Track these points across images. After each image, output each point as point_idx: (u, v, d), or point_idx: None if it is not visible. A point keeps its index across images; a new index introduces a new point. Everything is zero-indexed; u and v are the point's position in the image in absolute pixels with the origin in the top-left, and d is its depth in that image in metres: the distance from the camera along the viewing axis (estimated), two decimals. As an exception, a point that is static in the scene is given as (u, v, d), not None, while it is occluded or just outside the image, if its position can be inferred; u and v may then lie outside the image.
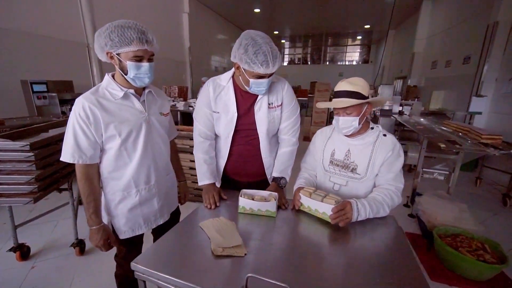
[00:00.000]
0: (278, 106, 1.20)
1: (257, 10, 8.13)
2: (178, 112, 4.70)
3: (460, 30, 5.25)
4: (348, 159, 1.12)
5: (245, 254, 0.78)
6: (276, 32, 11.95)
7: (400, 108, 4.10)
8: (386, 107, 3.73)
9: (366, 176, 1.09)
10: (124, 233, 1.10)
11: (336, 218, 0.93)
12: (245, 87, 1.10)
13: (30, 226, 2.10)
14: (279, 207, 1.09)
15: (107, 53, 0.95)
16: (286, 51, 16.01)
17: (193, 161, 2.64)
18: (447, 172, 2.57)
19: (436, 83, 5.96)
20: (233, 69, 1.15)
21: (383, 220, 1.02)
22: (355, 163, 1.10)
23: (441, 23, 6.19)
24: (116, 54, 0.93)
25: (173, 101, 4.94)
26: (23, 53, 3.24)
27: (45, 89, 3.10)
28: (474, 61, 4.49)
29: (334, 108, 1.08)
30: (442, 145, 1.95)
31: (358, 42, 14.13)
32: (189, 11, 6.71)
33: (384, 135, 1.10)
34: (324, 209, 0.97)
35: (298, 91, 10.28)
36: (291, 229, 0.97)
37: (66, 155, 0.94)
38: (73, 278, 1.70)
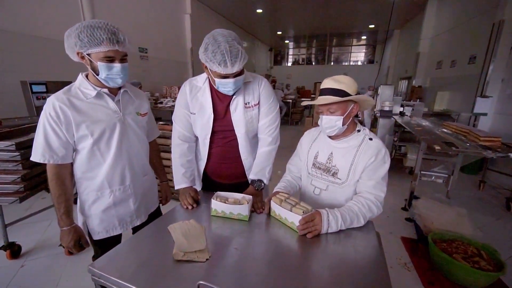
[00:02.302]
0: (255, 105, 1.16)
1: (259, 11, 8.11)
2: (178, 113, 4.72)
3: (465, 29, 5.11)
4: (330, 163, 1.07)
5: (207, 259, 0.75)
6: (279, 33, 11.90)
7: (401, 109, 4.01)
8: (386, 108, 3.65)
9: (347, 182, 1.03)
10: (98, 233, 1.09)
11: (303, 230, 0.89)
12: (215, 87, 1.08)
13: (24, 225, 2.13)
14: (253, 211, 1.06)
15: (77, 53, 0.94)
16: (290, 51, 15.95)
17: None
18: (446, 175, 2.48)
19: (441, 84, 5.82)
20: None
21: (362, 226, 0.97)
22: (337, 167, 1.05)
23: (446, 22, 6.05)
24: (87, 54, 0.92)
25: (173, 101, 4.96)
26: (24, 55, 3.30)
27: (45, 90, 3.15)
28: (479, 61, 4.36)
29: (318, 106, 1.04)
30: (437, 147, 1.88)
31: (363, 42, 13.94)
32: (191, 12, 6.74)
33: (370, 139, 1.03)
34: (293, 218, 0.92)
35: (301, 91, 10.25)
36: (261, 235, 0.93)
37: (36, 155, 0.93)
38: (60, 277, 1.70)
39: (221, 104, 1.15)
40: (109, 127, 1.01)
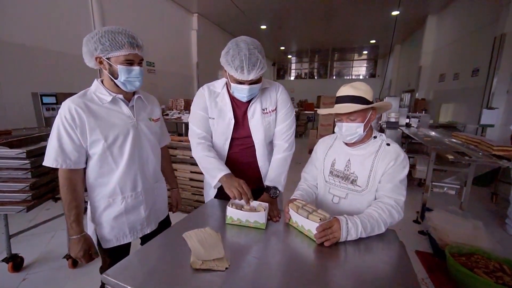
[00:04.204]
0: (272, 111, 1.16)
1: (263, 27, 8.36)
2: (183, 124, 4.78)
3: (466, 43, 5.20)
4: (348, 170, 1.05)
5: (226, 268, 0.71)
6: (282, 48, 12.21)
7: (407, 121, 4.00)
8: (393, 119, 3.64)
9: (367, 189, 1.00)
10: (109, 241, 1.06)
11: (321, 238, 0.84)
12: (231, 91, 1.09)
13: (27, 237, 2.09)
14: (269, 219, 1.02)
15: (96, 58, 0.95)
16: (293, 66, 16.26)
17: (194, 172, 2.64)
18: (458, 186, 2.42)
19: (445, 96, 5.84)
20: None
21: (382, 234, 0.93)
22: (355, 174, 1.03)
23: (446, 36, 6.17)
24: (106, 58, 0.94)
25: (179, 113, 5.03)
26: (35, 67, 3.39)
27: (55, 101, 3.21)
28: (482, 74, 4.39)
29: (336, 114, 1.03)
30: (450, 157, 1.84)
31: (364, 56, 14.21)
32: (197, 28, 6.98)
33: (388, 144, 1.02)
34: (309, 226, 0.88)
35: (304, 104, 10.36)
36: (280, 243, 0.89)
37: (49, 159, 0.92)
38: (62, 292, 1.64)
39: (238, 111, 1.15)
40: (122, 133, 1.01)
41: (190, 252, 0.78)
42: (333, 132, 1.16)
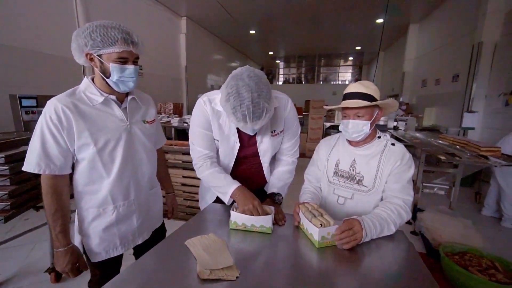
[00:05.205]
0: (281, 132, 1.12)
1: (252, 32, 8.41)
2: (173, 128, 4.66)
3: (446, 50, 5.47)
4: (353, 170, 1.04)
5: (237, 277, 0.66)
6: (271, 53, 12.33)
7: (395, 124, 4.12)
8: (381, 122, 3.74)
9: (374, 189, 0.99)
10: (97, 255, 0.97)
11: (342, 239, 0.79)
12: None
13: (4, 250, 1.92)
14: (275, 224, 0.98)
15: (86, 55, 0.87)
16: (281, 71, 16.46)
17: (186, 177, 2.55)
18: (448, 187, 2.49)
19: (428, 101, 6.09)
20: None
21: (392, 236, 0.91)
22: (361, 174, 1.02)
23: (428, 44, 6.47)
24: (98, 55, 0.86)
25: (168, 117, 4.90)
26: (13, 68, 3.19)
27: (35, 104, 3.02)
28: (462, 79, 4.62)
29: (343, 110, 1.02)
30: (442, 158, 1.89)
31: (350, 62, 14.64)
32: (186, 32, 6.90)
33: (393, 144, 1.02)
34: (311, 230, 0.85)
35: (293, 109, 10.44)
36: (289, 248, 0.86)
37: (30, 164, 0.82)
38: (44, 309, 1.50)
39: (245, 134, 1.07)
40: (114, 137, 0.93)
41: (194, 261, 0.73)
42: (323, 136, 1.15)
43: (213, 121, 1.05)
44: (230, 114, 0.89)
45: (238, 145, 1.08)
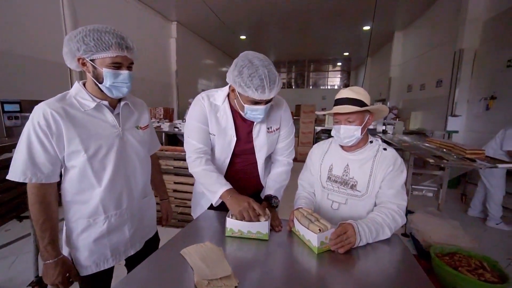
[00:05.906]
0: (277, 129, 1.15)
1: (243, 37, 8.48)
2: (163, 133, 4.59)
3: (430, 56, 5.70)
4: (347, 175, 1.05)
5: (236, 287, 0.65)
6: (261, 58, 12.47)
7: (384, 127, 4.22)
8: (371, 126, 3.83)
9: (367, 193, 1.01)
10: (87, 268, 0.92)
11: (336, 244, 0.81)
12: (241, 112, 1.03)
13: (-18, 263, 1.81)
14: (271, 230, 0.98)
15: (78, 59, 0.85)
16: (271, 76, 16.64)
17: (178, 183, 2.51)
18: (436, 189, 2.57)
19: (413, 105, 6.30)
20: (226, 88, 1.08)
21: (388, 239, 0.92)
22: (355, 179, 1.03)
23: (412, 50, 6.73)
24: (90, 60, 0.84)
25: (158, 122, 4.83)
26: (-3, 72, 3.07)
27: (18, 109, 2.90)
28: (446, 84, 4.81)
29: (334, 116, 1.04)
30: (431, 161, 1.95)
31: (338, 68, 15.00)
32: (176, 36, 6.87)
33: (385, 149, 1.04)
34: (309, 236, 0.85)
35: (283, 113, 10.56)
36: (287, 255, 0.85)
37: (16, 173, 0.78)
38: (27, 326, 1.42)
39: (241, 128, 1.10)
40: (106, 144, 0.90)
41: (191, 271, 0.71)
42: (314, 140, 1.17)
43: (210, 115, 1.07)
44: (245, 85, 0.91)
45: (235, 139, 1.08)
